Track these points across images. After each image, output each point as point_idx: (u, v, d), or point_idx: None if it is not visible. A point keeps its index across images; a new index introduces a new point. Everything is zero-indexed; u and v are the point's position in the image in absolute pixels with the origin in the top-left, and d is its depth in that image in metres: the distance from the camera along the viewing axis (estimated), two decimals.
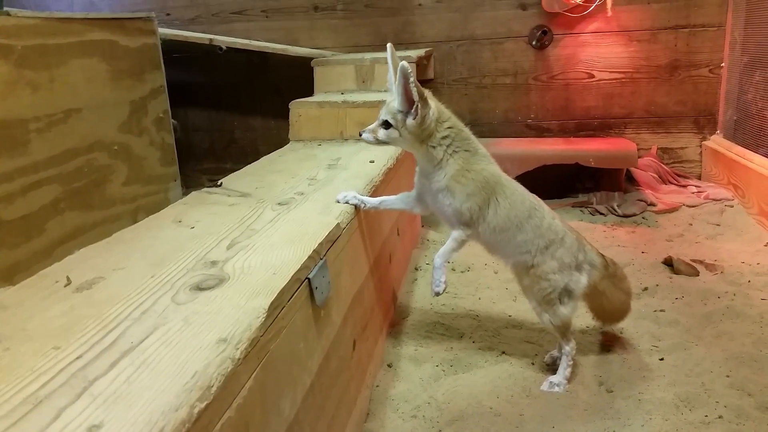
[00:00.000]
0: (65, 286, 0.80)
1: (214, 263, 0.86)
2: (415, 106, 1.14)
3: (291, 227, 1.03)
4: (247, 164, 1.87)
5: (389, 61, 1.24)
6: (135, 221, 2.00)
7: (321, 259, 0.93)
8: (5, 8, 1.87)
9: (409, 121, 1.14)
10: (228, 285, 0.79)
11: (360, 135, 1.21)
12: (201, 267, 0.84)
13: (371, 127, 1.18)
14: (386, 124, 1.16)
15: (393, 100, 1.17)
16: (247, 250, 0.91)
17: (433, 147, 1.20)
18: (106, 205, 1.89)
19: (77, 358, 0.62)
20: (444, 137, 1.21)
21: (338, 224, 1.05)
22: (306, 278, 0.86)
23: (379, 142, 1.17)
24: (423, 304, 1.59)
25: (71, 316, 0.72)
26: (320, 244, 0.94)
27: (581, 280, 1.24)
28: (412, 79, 1.11)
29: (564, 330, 1.23)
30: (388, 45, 1.28)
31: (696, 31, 2.51)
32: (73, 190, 1.76)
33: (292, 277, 0.81)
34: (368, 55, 2.27)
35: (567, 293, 1.22)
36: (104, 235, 1.90)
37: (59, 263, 0.89)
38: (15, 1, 2.72)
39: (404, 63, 1.13)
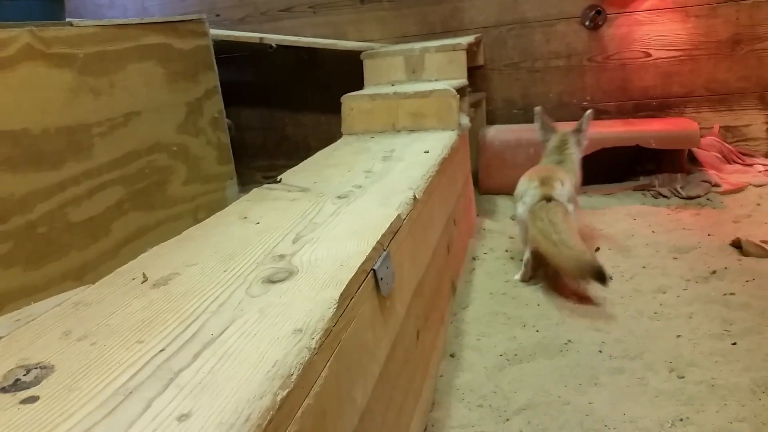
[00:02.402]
0: (142, 282, 0.83)
1: (282, 257, 0.87)
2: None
3: (352, 220, 1.03)
4: (299, 160, 1.89)
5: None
6: (195, 219, 2.07)
7: (384, 250, 0.93)
8: (68, 20, 1.95)
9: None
10: (297, 277, 0.80)
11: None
12: (270, 261, 0.86)
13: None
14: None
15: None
16: (313, 243, 0.92)
17: None
18: (168, 204, 1.95)
19: (161, 351, 0.64)
20: None
21: (399, 215, 1.05)
22: (371, 269, 0.86)
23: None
24: (482, 293, 1.58)
25: (151, 310, 0.75)
26: (383, 236, 0.94)
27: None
28: None
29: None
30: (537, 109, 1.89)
31: (759, 2, 2.39)
32: (136, 191, 1.81)
33: (359, 268, 0.81)
34: (417, 45, 2.26)
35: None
36: (167, 233, 1.96)
37: (134, 261, 0.92)
38: (74, 10, 2.83)
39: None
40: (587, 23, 2.52)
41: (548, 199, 1.58)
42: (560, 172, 1.68)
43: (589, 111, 1.86)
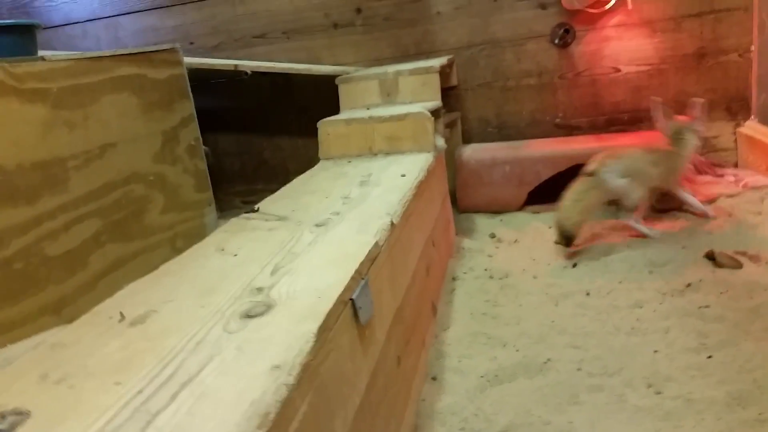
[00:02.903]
0: (119, 321, 0.83)
1: (260, 290, 0.87)
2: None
3: (330, 249, 1.04)
4: (277, 184, 1.90)
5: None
6: (174, 248, 2.07)
7: (363, 278, 0.94)
8: (40, 53, 1.95)
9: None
10: (276, 311, 0.80)
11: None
12: (248, 294, 0.86)
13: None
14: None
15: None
16: (291, 275, 0.92)
17: None
18: (146, 234, 1.94)
19: (138, 392, 0.64)
20: None
21: (376, 242, 1.06)
22: (350, 299, 0.87)
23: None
24: (463, 314, 1.59)
25: (128, 350, 0.74)
26: (361, 264, 0.95)
27: None
28: None
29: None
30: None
31: (721, 15, 2.47)
32: (113, 222, 1.80)
33: (337, 299, 0.82)
34: (390, 68, 2.29)
35: None
36: (145, 264, 1.96)
37: (110, 299, 0.92)
38: (46, 42, 2.82)
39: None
40: (556, 41, 2.58)
41: (590, 174, 1.92)
42: (630, 151, 1.99)
43: (701, 101, 2.06)
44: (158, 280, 0.98)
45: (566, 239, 1.89)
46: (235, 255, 1.05)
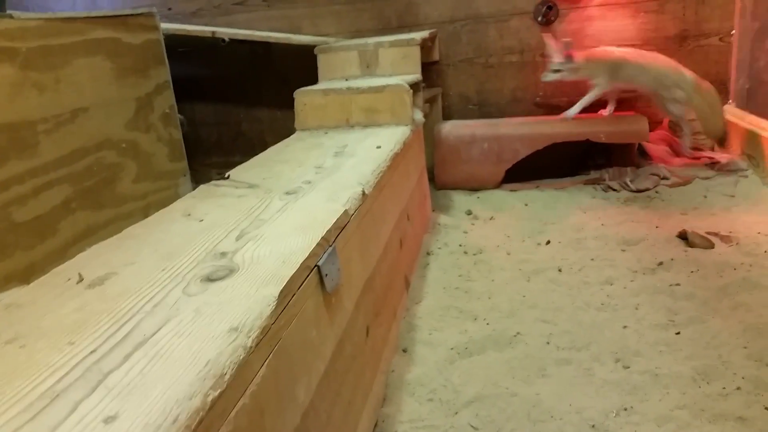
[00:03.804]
0: (77, 282, 0.81)
1: (223, 254, 0.86)
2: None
3: (299, 216, 1.03)
4: (254, 156, 1.87)
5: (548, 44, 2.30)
6: (146, 217, 2.03)
7: (330, 246, 0.93)
8: (8, 11, 1.88)
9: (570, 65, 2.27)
10: (238, 275, 0.79)
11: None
12: (211, 259, 0.85)
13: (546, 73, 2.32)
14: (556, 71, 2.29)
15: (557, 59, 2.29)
16: (256, 241, 0.91)
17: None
18: (117, 203, 1.91)
19: (91, 352, 0.63)
20: None
21: (346, 211, 1.05)
22: (315, 265, 0.86)
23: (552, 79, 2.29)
24: (436, 288, 1.59)
25: (84, 311, 0.73)
26: (328, 231, 0.94)
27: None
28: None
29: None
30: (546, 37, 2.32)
31: None
32: (84, 189, 1.77)
33: (302, 264, 0.81)
34: (371, 40, 2.25)
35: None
36: (116, 232, 1.92)
37: (71, 261, 0.90)
38: (18, 3, 2.74)
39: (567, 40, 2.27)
40: (540, 19, 2.56)
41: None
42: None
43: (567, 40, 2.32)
44: (121, 243, 0.96)
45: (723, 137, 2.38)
46: (201, 220, 1.03)
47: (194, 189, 2.32)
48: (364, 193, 1.19)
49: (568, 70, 2.29)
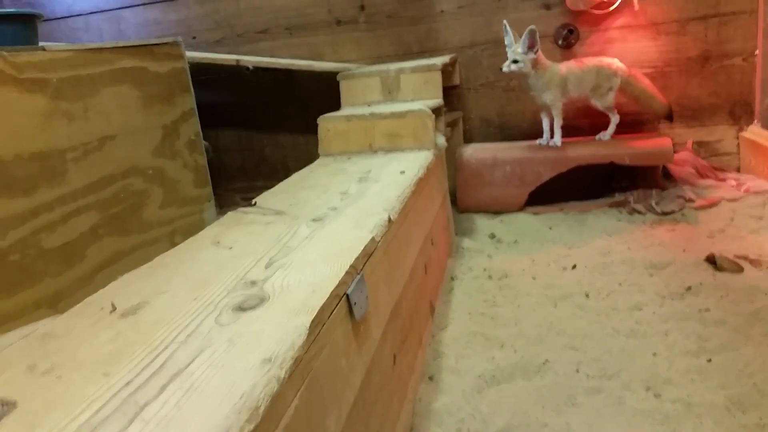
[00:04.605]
0: (111, 312, 0.82)
1: (254, 283, 0.86)
2: (536, 48, 2.17)
3: (326, 243, 1.03)
4: (277, 181, 1.88)
5: (509, 30, 2.19)
6: (172, 243, 2.05)
7: (358, 273, 0.93)
8: (41, 44, 1.93)
9: (530, 55, 2.18)
10: (269, 304, 0.79)
11: (501, 70, 2.23)
12: (241, 287, 0.85)
13: (506, 64, 2.20)
14: (515, 61, 2.18)
15: (517, 48, 2.18)
16: (285, 269, 0.91)
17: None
18: (144, 228, 1.93)
19: (127, 383, 0.63)
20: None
21: (372, 238, 1.05)
22: (344, 294, 0.86)
23: (511, 71, 2.20)
24: (461, 314, 1.58)
25: (119, 342, 0.73)
26: (357, 259, 0.94)
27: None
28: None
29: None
30: (504, 21, 2.22)
31: (726, 19, 2.45)
32: (111, 215, 1.79)
33: (331, 293, 0.81)
34: (392, 66, 2.27)
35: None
36: (143, 259, 1.93)
37: (103, 290, 0.91)
38: (48, 34, 2.82)
39: (531, 26, 2.13)
40: (560, 42, 2.57)
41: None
42: None
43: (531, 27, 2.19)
44: (152, 272, 0.97)
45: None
46: (231, 248, 1.04)
47: (219, 214, 2.36)
48: (389, 220, 1.19)
49: (525, 63, 2.19)
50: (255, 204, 1.35)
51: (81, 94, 1.73)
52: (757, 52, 2.45)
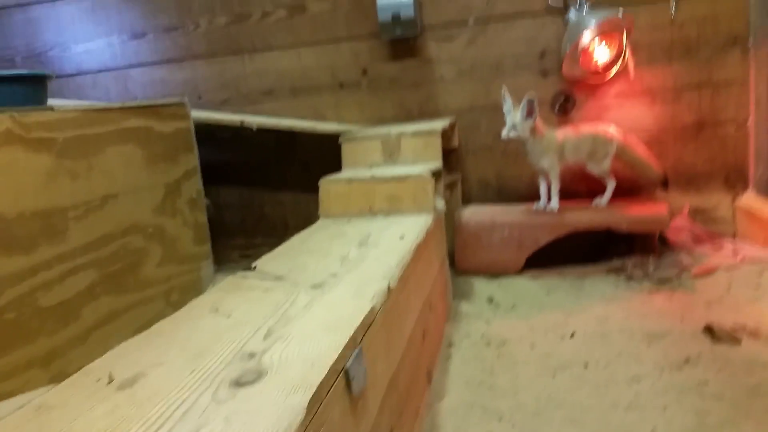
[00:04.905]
0: (108, 384, 0.81)
1: (252, 355, 0.86)
2: (534, 116, 2.23)
3: (326, 313, 1.03)
4: (276, 238, 1.89)
5: (507, 97, 2.26)
6: (168, 301, 2.04)
7: (357, 346, 0.93)
8: (50, 101, 1.98)
9: (529, 122, 2.23)
10: (266, 380, 0.79)
11: (501, 136, 2.27)
12: (239, 360, 0.85)
13: (505, 130, 2.25)
14: (514, 127, 2.23)
15: (516, 115, 2.23)
16: (284, 340, 0.91)
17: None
18: (141, 287, 1.92)
19: None
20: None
21: (372, 308, 1.05)
22: (343, 368, 0.86)
23: (510, 137, 2.24)
24: (458, 383, 1.56)
25: (115, 416, 0.73)
26: (356, 331, 0.94)
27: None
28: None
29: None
30: (504, 88, 2.28)
31: (719, 88, 2.52)
32: (109, 274, 1.79)
33: (330, 368, 0.81)
34: (394, 130, 2.32)
35: None
36: (138, 317, 1.93)
37: (101, 359, 0.91)
38: (57, 91, 2.88)
39: (530, 93, 2.20)
40: (557, 109, 2.63)
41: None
42: None
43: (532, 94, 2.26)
44: (150, 340, 0.96)
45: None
46: (229, 316, 1.04)
47: (216, 272, 2.36)
48: (389, 288, 1.19)
49: (524, 129, 2.23)
50: (255, 268, 1.35)
51: (86, 153, 1.76)
52: (749, 121, 2.51)
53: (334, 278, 1.25)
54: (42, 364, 1.55)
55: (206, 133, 2.48)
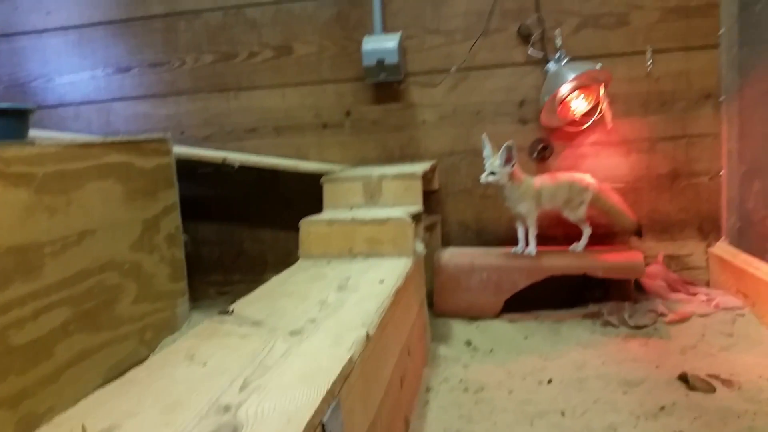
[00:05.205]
0: None
1: (227, 408, 0.85)
2: (512, 162, 2.27)
3: (303, 362, 1.03)
4: (254, 275, 1.89)
5: (487, 144, 2.31)
6: (142, 340, 2.01)
7: (334, 399, 0.92)
8: (31, 133, 1.96)
9: (507, 168, 2.27)
10: None
11: (480, 181, 2.32)
12: (214, 413, 0.84)
13: (484, 175, 2.30)
14: (492, 173, 2.28)
15: (495, 161, 2.28)
16: (260, 392, 0.90)
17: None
18: (115, 325, 1.89)
19: None
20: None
21: (351, 358, 1.05)
22: (320, 423, 0.85)
23: (488, 182, 2.29)
24: (436, 429, 1.55)
25: None
26: (334, 383, 0.93)
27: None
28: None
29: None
30: (484, 135, 2.34)
31: (693, 140, 2.59)
32: (83, 311, 1.76)
33: (307, 424, 0.80)
34: (375, 172, 2.34)
35: None
36: (111, 356, 1.89)
37: (74, 408, 0.89)
38: (38, 122, 2.86)
39: (509, 142, 2.25)
40: (535, 155, 2.69)
41: None
42: None
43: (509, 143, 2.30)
44: (124, 389, 0.95)
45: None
46: (205, 364, 1.02)
47: (192, 307, 2.33)
48: (368, 336, 1.19)
49: (502, 175, 2.29)
50: (232, 312, 1.34)
51: (65, 188, 1.74)
52: (722, 172, 2.58)
53: (312, 324, 1.25)
54: (10, 404, 1.50)
55: (187, 168, 2.48)
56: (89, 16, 2.99)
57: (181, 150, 2.45)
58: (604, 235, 2.60)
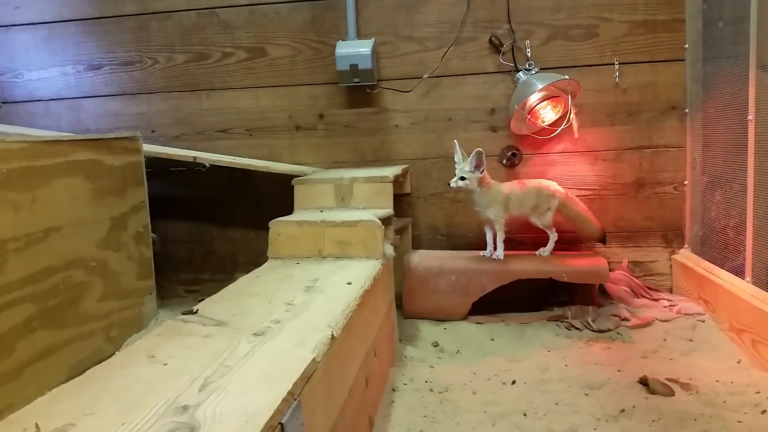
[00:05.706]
0: None
1: (185, 408, 0.85)
2: (482, 168, 2.32)
3: (266, 363, 1.03)
4: (223, 274, 1.87)
5: (458, 149, 2.37)
6: (108, 337, 1.99)
7: (295, 399, 0.93)
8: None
9: (477, 174, 2.32)
10: None
11: (449, 185, 2.36)
12: (172, 413, 0.84)
13: (454, 180, 2.34)
14: (462, 178, 2.32)
15: (465, 166, 2.33)
16: (220, 392, 0.90)
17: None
18: (80, 322, 1.87)
19: None
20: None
21: (314, 359, 1.05)
22: (279, 423, 0.85)
23: (458, 187, 2.34)
24: (400, 429, 1.56)
25: None
26: (295, 384, 0.94)
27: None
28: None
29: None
30: (455, 141, 2.40)
31: (659, 151, 2.66)
32: (47, 308, 1.74)
33: (265, 425, 0.80)
34: (347, 174, 2.35)
35: None
36: (75, 353, 1.87)
37: (29, 406, 0.88)
38: (5, 117, 2.81)
39: (479, 149, 2.30)
40: (504, 162, 2.73)
41: None
42: None
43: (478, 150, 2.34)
44: (82, 388, 0.94)
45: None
46: (165, 364, 1.02)
47: (159, 306, 2.31)
48: (332, 337, 1.20)
49: (472, 180, 2.32)
50: (197, 311, 1.34)
51: (31, 185, 1.72)
52: (686, 182, 2.64)
53: (277, 325, 1.25)
54: None
55: (157, 167, 2.46)
56: (59, 13, 2.95)
57: (151, 148, 2.43)
58: (570, 241, 2.65)
